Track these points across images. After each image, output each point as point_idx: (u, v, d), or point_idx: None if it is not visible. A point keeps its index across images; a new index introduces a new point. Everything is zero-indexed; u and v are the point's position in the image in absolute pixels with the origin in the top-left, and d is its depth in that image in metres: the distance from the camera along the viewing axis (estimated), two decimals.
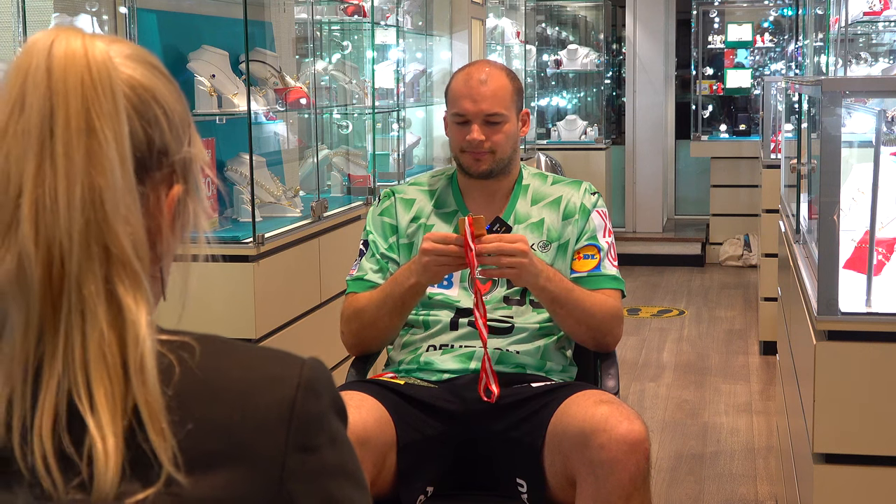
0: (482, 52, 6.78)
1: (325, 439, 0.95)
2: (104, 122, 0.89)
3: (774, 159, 5.39)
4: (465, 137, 2.48)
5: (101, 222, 0.88)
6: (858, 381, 2.09)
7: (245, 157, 3.50)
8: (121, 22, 3.20)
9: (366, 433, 2.15)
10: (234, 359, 0.96)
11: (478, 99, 2.47)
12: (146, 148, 0.94)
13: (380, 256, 2.53)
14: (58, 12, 3.17)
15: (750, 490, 3.92)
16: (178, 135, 0.97)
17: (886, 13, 4.30)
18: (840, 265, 2.13)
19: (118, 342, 0.88)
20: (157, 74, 0.97)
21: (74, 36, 0.91)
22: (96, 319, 0.87)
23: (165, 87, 0.97)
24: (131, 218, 0.90)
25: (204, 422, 0.90)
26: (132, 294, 0.89)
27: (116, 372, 0.87)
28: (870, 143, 2.50)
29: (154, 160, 0.95)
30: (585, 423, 2.13)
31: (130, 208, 0.90)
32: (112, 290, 0.88)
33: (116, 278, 0.88)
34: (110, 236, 0.88)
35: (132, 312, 0.88)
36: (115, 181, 0.89)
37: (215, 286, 3.24)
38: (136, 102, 0.93)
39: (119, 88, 0.91)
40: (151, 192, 0.96)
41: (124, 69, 0.94)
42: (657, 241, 9.07)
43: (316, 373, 0.96)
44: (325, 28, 4.76)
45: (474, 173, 2.51)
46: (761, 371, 5.48)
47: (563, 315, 2.42)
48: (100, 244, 0.88)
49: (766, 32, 9.37)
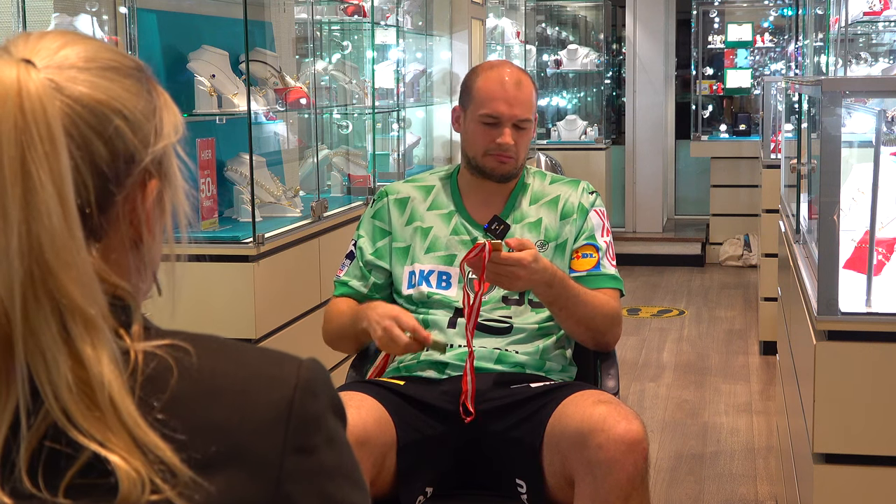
0: (482, 52, 6.78)
1: (322, 440, 0.94)
2: (39, 166, 0.84)
3: (774, 159, 5.40)
4: (495, 140, 2.47)
5: (45, 272, 0.84)
6: (858, 381, 2.09)
7: (245, 157, 3.50)
8: (121, 22, 3.20)
9: (366, 433, 2.15)
10: (231, 360, 0.95)
11: (513, 103, 2.47)
12: (111, 162, 0.90)
13: (363, 264, 2.55)
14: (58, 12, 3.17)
15: (750, 490, 3.92)
16: (144, 133, 0.93)
17: (886, 13, 4.30)
18: (840, 265, 2.13)
19: (85, 386, 0.85)
20: (112, 76, 0.92)
21: (9, 65, 0.87)
22: (58, 366, 0.85)
23: (122, 87, 0.92)
24: (77, 261, 0.86)
25: (201, 424, 0.90)
26: (89, 341, 0.86)
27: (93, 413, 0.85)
28: (870, 143, 2.50)
29: (123, 169, 0.92)
30: (583, 423, 2.13)
31: (75, 252, 0.86)
32: (69, 336, 0.85)
33: (70, 325, 0.85)
34: (56, 285, 0.85)
35: (91, 360, 0.85)
36: (53, 226, 0.85)
37: (215, 286, 3.24)
38: (93, 122, 0.89)
39: (57, 125, 0.86)
40: (128, 200, 0.93)
41: (74, 88, 0.89)
42: (657, 241, 9.07)
43: (313, 373, 0.96)
44: (325, 28, 4.76)
45: (497, 175, 2.51)
46: (761, 371, 5.48)
47: (563, 316, 2.42)
48: (47, 295, 0.85)
49: (766, 32, 9.37)
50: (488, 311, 2.46)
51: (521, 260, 2.26)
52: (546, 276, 2.32)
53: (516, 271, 2.26)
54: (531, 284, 2.32)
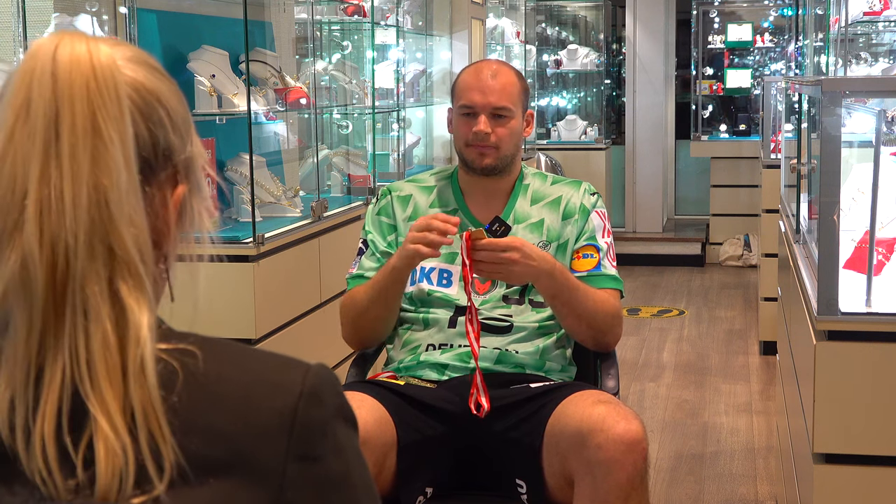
0: (482, 52, 6.78)
1: (328, 448, 0.94)
2: (109, 125, 0.89)
3: (774, 159, 5.40)
4: (472, 130, 2.48)
5: (106, 223, 0.88)
6: (858, 381, 2.09)
7: (245, 157, 3.50)
8: (121, 22, 3.20)
9: (366, 433, 2.15)
10: (237, 365, 0.95)
11: (486, 91, 2.47)
12: (151, 149, 0.95)
13: (380, 255, 2.53)
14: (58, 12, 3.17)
15: (750, 490, 3.92)
16: (181, 135, 0.98)
17: (886, 13, 4.30)
18: (840, 265, 2.13)
19: (119, 343, 0.87)
20: (159, 76, 0.97)
21: (79, 40, 0.92)
22: (100, 319, 0.87)
23: (168, 89, 0.98)
24: (136, 219, 0.90)
25: (206, 429, 0.90)
26: (135, 296, 0.89)
27: (116, 375, 0.87)
28: (870, 143, 2.50)
29: (159, 161, 0.96)
30: (583, 423, 2.13)
31: (135, 209, 0.90)
32: (115, 290, 0.88)
33: (120, 279, 0.88)
34: (115, 237, 0.88)
35: (134, 314, 0.88)
36: (119, 182, 0.89)
37: (215, 286, 3.24)
38: (141, 105, 0.94)
39: (124, 92, 0.92)
40: (157, 192, 0.96)
41: (128, 72, 0.94)
42: (657, 241, 9.07)
43: (320, 380, 0.95)
44: (325, 28, 4.76)
45: (478, 168, 2.51)
46: (761, 371, 5.48)
47: (564, 312, 2.42)
48: (104, 244, 0.88)
49: (766, 32, 9.37)
50: (489, 309, 2.46)
51: (510, 243, 2.27)
52: (547, 265, 2.32)
53: (511, 256, 2.26)
54: (532, 273, 2.31)
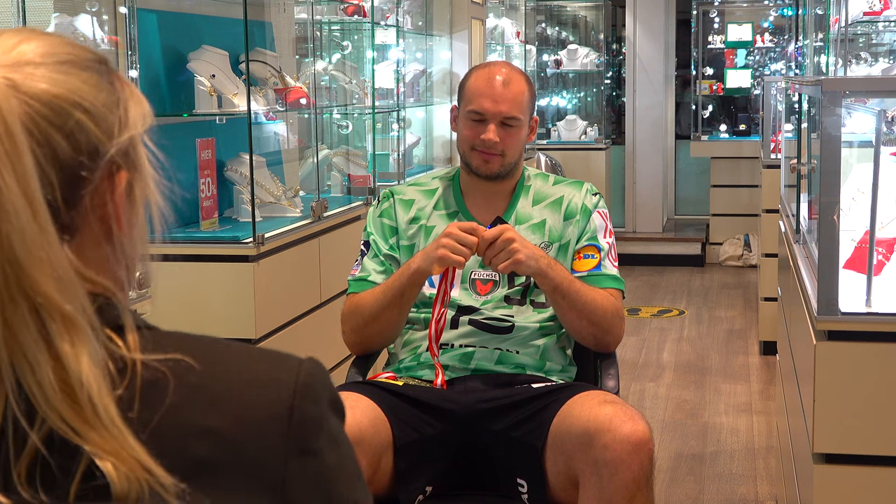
0: (482, 52, 6.77)
1: (324, 441, 0.94)
2: (2, 167, 0.84)
3: (774, 159, 5.39)
4: (479, 136, 2.48)
5: (18, 271, 0.84)
6: (858, 381, 2.09)
7: (245, 157, 3.51)
8: (121, 22, 3.20)
9: (360, 434, 2.15)
10: (229, 363, 0.94)
11: (499, 100, 2.47)
12: (74, 156, 0.89)
13: (383, 257, 2.53)
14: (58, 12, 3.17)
15: (750, 490, 3.91)
16: (108, 125, 0.92)
17: (886, 13, 4.30)
18: (840, 265, 2.13)
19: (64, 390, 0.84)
20: (69, 69, 0.91)
21: None
22: (40, 366, 0.84)
23: (81, 80, 0.91)
24: (51, 257, 0.85)
25: (201, 430, 0.89)
26: (67, 338, 0.85)
27: (81, 415, 0.84)
28: (870, 143, 2.50)
29: (88, 163, 0.90)
30: (590, 422, 2.13)
31: (49, 248, 0.85)
32: (48, 337, 0.84)
33: (49, 324, 0.85)
34: (30, 284, 0.84)
35: (69, 359, 0.84)
36: (22, 225, 0.84)
37: (215, 286, 3.24)
38: (52, 117, 0.88)
39: (15, 123, 0.86)
40: (97, 193, 0.92)
41: (31, 84, 0.88)
42: (657, 241, 9.07)
43: (313, 375, 0.95)
44: (325, 28, 4.76)
45: (482, 173, 2.51)
46: (761, 371, 5.48)
47: (565, 307, 2.41)
48: (22, 294, 0.84)
49: (766, 32, 9.37)
50: (490, 309, 2.46)
51: (503, 230, 2.30)
52: (544, 260, 2.35)
53: (508, 241, 2.28)
54: (533, 261, 2.32)
